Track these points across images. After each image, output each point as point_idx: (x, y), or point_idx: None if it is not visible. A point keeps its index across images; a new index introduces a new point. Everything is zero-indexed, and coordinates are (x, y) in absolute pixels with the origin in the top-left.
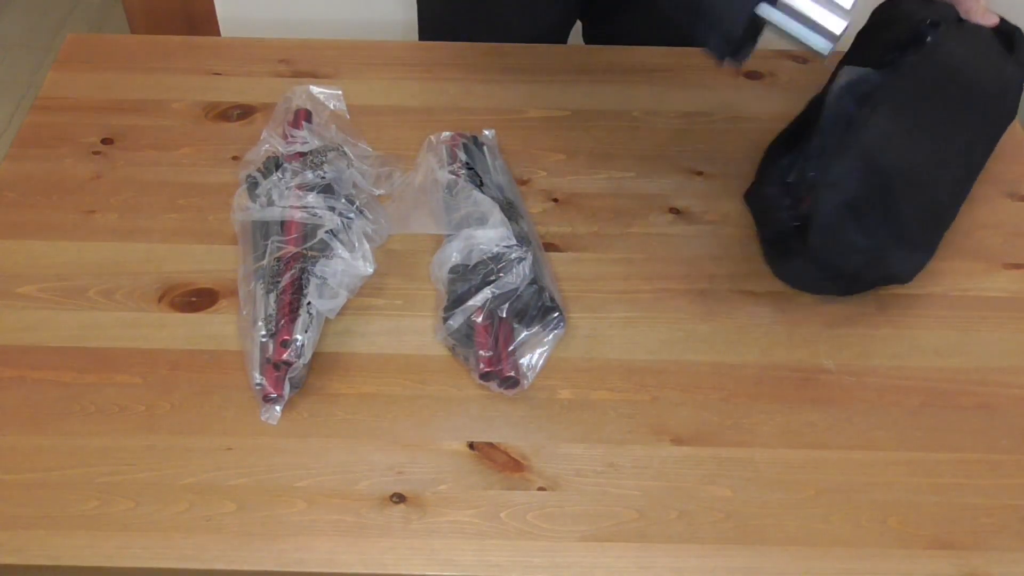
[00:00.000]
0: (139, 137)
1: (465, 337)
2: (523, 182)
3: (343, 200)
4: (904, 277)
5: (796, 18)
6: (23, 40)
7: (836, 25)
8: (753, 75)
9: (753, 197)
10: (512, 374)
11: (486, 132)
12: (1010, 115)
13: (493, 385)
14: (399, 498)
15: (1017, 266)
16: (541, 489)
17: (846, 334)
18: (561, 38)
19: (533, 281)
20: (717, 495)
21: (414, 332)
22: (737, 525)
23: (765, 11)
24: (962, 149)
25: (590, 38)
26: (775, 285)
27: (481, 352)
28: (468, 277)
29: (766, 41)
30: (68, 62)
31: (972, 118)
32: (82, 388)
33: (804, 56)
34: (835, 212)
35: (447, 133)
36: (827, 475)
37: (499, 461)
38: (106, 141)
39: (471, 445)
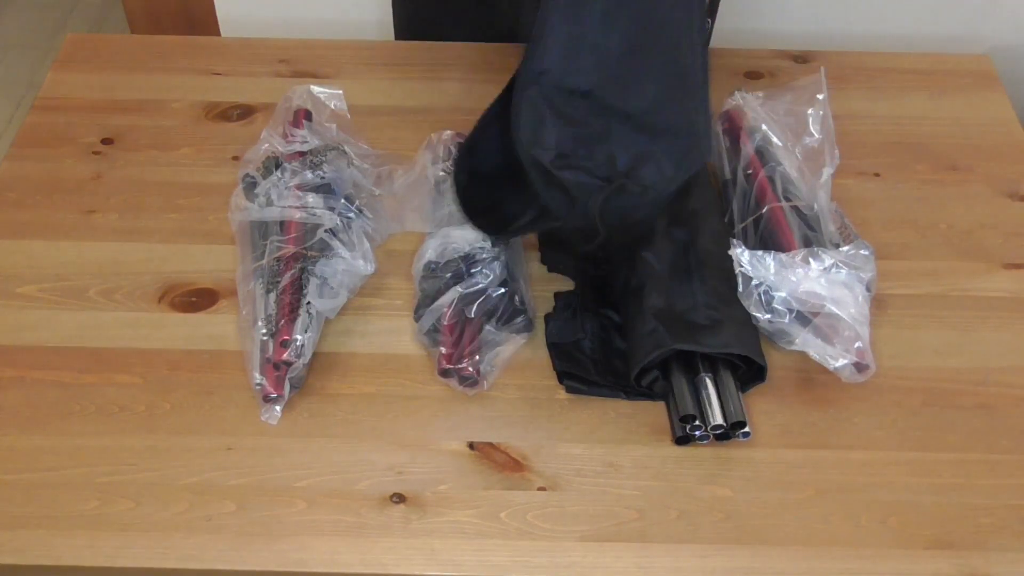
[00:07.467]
0: (139, 137)
1: (435, 334)
2: None
3: (343, 200)
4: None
5: None
6: (23, 40)
7: None
8: (753, 75)
9: None
10: (471, 372)
11: None
12: None
13: (453, 383)
14: (399, 498)
15: (1017, 266)
16: (541, 489)
17: None
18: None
19: (504, 282)
20: (717, 495)
21: (414, 332)
22: (737, 525)
23: None
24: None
25: None
26: None
27: (442, 349)
28: (438, 275)
29: (766, 41)
30: (68, 62)
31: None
32: (82, 388)
33: (804, 56)
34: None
35: (449, 132)
36: (827, 475)
37: (499, 461)
38: (106, 141)
39: (471, 445)
